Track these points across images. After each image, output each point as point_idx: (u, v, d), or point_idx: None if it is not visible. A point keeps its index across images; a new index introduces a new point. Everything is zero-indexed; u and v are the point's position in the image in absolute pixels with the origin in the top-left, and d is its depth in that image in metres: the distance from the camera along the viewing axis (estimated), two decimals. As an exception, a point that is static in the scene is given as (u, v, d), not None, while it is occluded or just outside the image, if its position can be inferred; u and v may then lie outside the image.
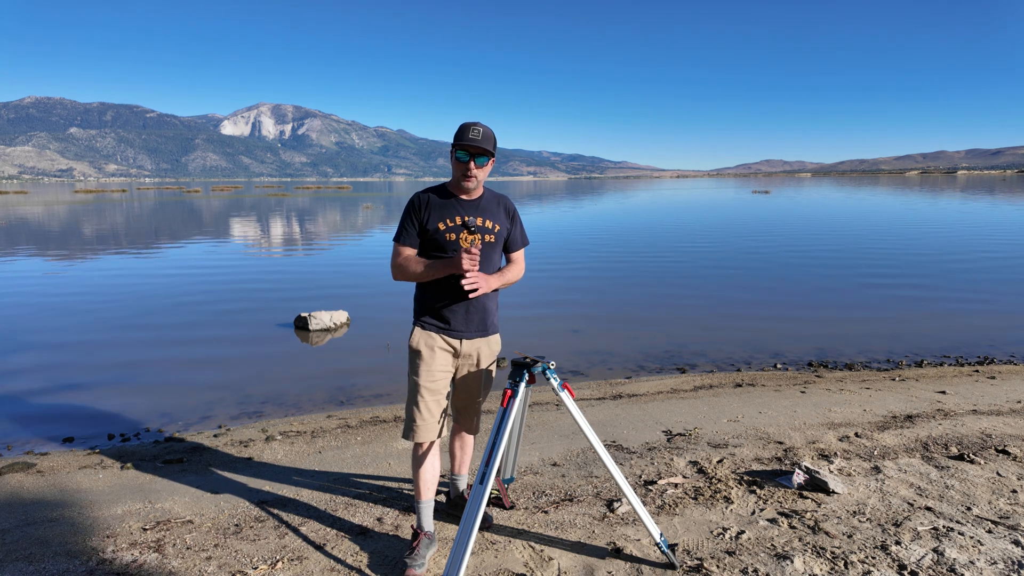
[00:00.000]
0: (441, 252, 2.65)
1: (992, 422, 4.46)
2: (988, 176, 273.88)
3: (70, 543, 2.96)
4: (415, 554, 2.67)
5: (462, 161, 2.61)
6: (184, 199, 59.23)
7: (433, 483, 2.80)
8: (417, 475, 2.77)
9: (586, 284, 11.78)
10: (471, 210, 2.69)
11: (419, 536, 2.73)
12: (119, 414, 5.33)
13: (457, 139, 2.60)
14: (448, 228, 2.64)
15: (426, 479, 2.77)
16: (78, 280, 12.39)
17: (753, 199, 50.66)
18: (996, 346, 7.28)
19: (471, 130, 2.58)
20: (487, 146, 2.59)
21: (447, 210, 2.66)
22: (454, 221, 2.65)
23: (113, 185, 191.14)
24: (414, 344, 2.70)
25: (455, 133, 2.63)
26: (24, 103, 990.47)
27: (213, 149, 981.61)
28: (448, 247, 2.65)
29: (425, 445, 2.74)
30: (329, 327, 8.13)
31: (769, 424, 4.49)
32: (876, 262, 14.22)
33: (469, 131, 2.58)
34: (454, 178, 2.70)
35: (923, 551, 2.70)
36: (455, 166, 2.65)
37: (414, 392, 2.69)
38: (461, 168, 2.62)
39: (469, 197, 2.72)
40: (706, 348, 7.29)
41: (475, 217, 2.68)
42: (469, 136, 2.57)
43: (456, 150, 2.61)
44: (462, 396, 2.87)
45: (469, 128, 2.59)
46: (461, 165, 2.62)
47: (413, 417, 2.69)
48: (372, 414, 5.15)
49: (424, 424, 2.68)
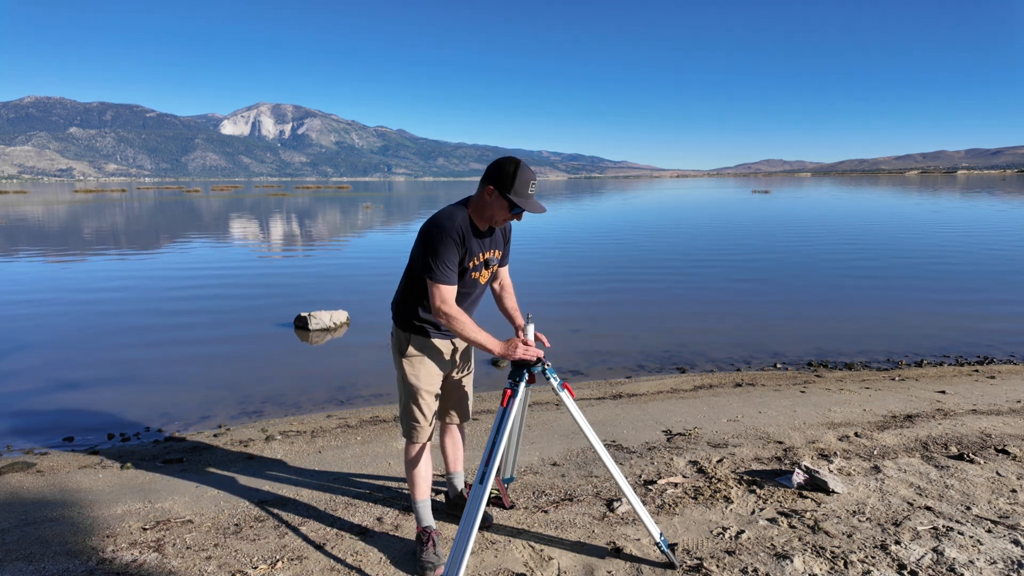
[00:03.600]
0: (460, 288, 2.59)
1: (992, 422, 4.46)
2: (988, 176, 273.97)
3: (70, 543, 2.96)
4: (436, 552, 2.68)
5: (513, 214, 2.47)
6: (184, 199, 59.21)
7: (430, 480, 2.85)
8: (416, 475, 2.79)
9: (586, 284, 11.78)
10: (487, 244, 2.64)
11: (430, 534, 2.74)
12: (119, 414, 5.33)
13: (516, 194, 2.41)
14: (475, 265, 2.59)
15: (425, 477, 2.81)
16: (77, 280, 12.40)
17: (753, 199, 50.65)
18: (996, 346, 7.28)
19: (531, 185, 2.43)
20: None
21: (473, 246, 2.55)
22: (479, 259, 2.60)
23: (113, 185, 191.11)
24: (412, 350, 2.70)
25: (508, 176, 2.40)
26: (24, 103, 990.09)
27: (213, 149, 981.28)
28: (466, 284, 2.61)
29: (423, 445, 2.77)
30: (329, 327, 8.13)
31: (769, 424, 4.49)
32: (876, 262, 14.22)
33: (529, 187, 2.42)
34: (486, 215, 2.51)
35: (923, 551, 2.70)
36: (498, 210, 2.47)
37: (414, 394, 2.70)
38: (505, 216, 2.48)
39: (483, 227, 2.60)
40: (706, 348, 7.29)
41: (491, 251, 2.67)
42: (529, 192, 2.42)
43: (511, 207, 2.44)
44: (456, 388, 2.91)
45: (529, 184, 2.42)
46: (508, 215, 2.48)
47: (416, 418, 2.72)
48: (372, 414, 5.15)
49: (426, 424, 2.73)
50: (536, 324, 2.64)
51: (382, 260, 15.38)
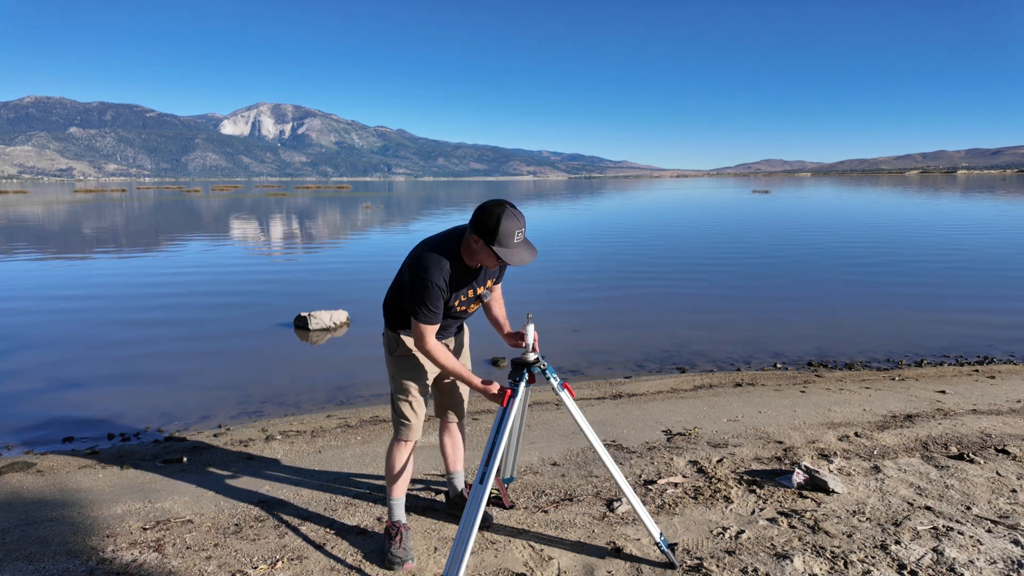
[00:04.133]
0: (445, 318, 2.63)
1: (992, 421, 4.46)
2: (988, 176, 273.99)
3: (70, 542, 2.96)
4: (404, 547, 2.72)
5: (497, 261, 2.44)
6: (184, 199, 59.22)
7: (407, 481, 2.87)
8: (397, 472, 2.81)
9: (586, 284, 11.78)
10: (481, 279, 2.66)
11: (399, 528, 2.78)
12: (119, 414, 5.33)
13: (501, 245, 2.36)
14: (462, 302, 2.63)
15: (405, 477, 2.84)
16: (77, 279, 12.39)
17: (753, 199, 50.65)
18: (996, 346, 7.28)
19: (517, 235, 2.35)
20: None
21: (462, 284, 2.56)
22: (468, 295, 2.63)
23: (113, 185, 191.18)
24: (402, 349, 2.74)
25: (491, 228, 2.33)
26: (24, 103, 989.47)
27: (213, 149, 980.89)
28: (453, 315, 2.66)
29: (411, 445, 2.81)
30: (329, 327, 8.13)
31: (769, 424, 4.49)
32: (876, 261, 14.22)
33: (515, 236, 2.35)
34: (475, 260, 2.51)
35: (923, 550, 2.70)
36: (486, 258, 2.45)
37: (404, 393, 2.75)
38: (495, 263, 2.46)
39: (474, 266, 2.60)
40: (706, 348, 7.29)
41: (484, 284, 2.69)
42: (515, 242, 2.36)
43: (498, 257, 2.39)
44: (451, 386, 2.94)
45: (514, 234, 2.34)
46: (497, 262, 2.45)
47: (406, 416, 2.76)
48: (372, 413, 5.15)
49: (415, 422, 2.77)
50: (536, 324, 2.64)
51: (382, 260, 15.37)
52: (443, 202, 52.28)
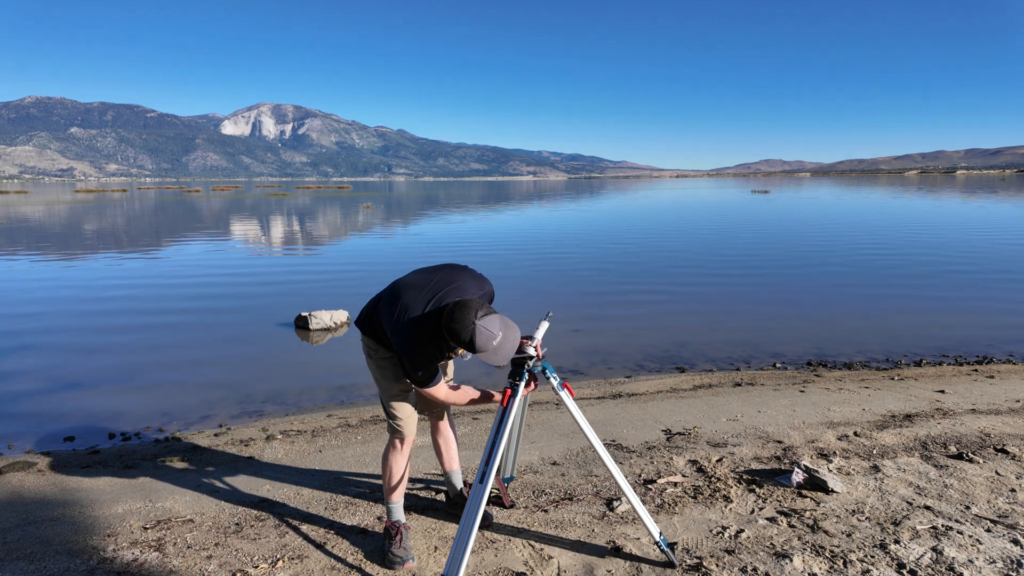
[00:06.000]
0: None
1: (991, 421, 4.47)
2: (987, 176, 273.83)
3: (71, 542, 2.97)
4: (404, 546, 2.73)
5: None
6: (185, 199, 59.21)
7: (405, 482, 2.88)
8: (394, 474, 2.82)
9: (586, 284, 11.78)
10: None
11: (399, 528, 2.79)
12: (119, 414, 5.33)
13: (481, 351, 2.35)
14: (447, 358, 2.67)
15: (403, 479, 2.85)
16: (78, 279, 12.40)
17: (753, 199, 50.65)
18: (995, 345, 7.28)
19: (493, 340, 2.33)
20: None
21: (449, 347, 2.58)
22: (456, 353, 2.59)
23: (114, 185, 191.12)
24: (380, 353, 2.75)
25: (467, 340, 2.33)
26: (24, 103, 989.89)
27: (213, 149, 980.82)
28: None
29: (407, 443, 2.82)
30: (329, 326, 8.14)
31: (768, 423, 4.50)
32: (875, 261, 14.22)
33: (491, 343, 2.33)
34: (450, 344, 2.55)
35: (922, 550, 2.71)
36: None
37: (388, 393, 2.76)
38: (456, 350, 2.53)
39: None
40: (706, 347, 7.30)
41: None
42: (493, 346, 2.34)
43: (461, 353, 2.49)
44: None
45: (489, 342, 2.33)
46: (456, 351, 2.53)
47: (396, 415, 2.77)
48: (372, 413, 5.15)
49: (407, 419, 2.78)
50: (536, 323, 2.64)
51: (382, 260, 15.38)
52: (443, 201, 52.28)
